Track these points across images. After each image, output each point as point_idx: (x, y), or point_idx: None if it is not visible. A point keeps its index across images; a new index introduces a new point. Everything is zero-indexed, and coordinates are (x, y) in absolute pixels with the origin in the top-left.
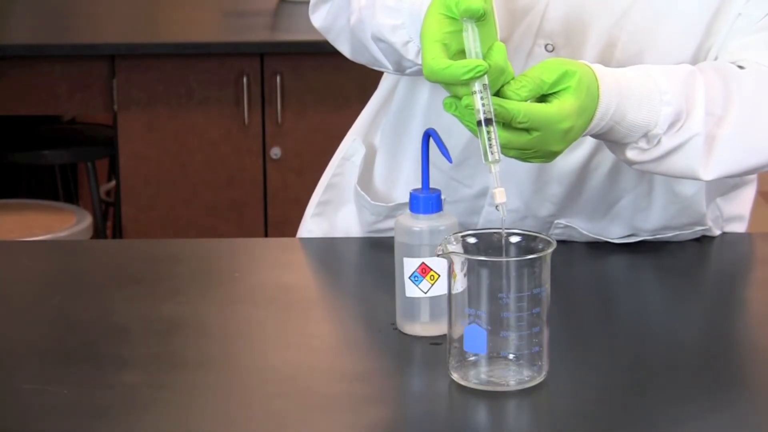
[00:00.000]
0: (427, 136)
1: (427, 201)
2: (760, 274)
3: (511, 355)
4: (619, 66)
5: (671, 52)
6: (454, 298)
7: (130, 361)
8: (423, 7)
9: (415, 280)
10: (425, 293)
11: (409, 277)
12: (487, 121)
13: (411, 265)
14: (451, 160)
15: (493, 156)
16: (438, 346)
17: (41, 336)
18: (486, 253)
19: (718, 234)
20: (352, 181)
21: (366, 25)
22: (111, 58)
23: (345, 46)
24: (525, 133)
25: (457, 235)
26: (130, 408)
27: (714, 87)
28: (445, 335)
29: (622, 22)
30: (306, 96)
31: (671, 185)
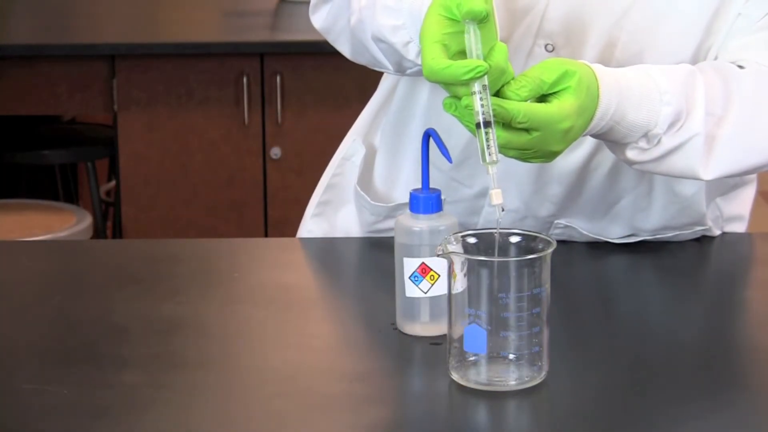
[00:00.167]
0: (427, 136)
1: (427, 201)
2: (760, 274)
3: (511, 355)
4: (619, 66)
5: (671, 52)
6: (454, 298)
7: (130, 361)
8: (423, 7)
9: (415, 280)
10: (425, 293)
11: (409, 277)
12: (486, 123)
13: (411, 265)
14: (451, 160)
15: (491, 157)
16: (438, 346)
17: (41, 336)
18: (486, 253)
19: (718, 234)
20: (352, 182)
21: (366, 26)
22: (111, 58)
23: (345, 46)
24: (525, 133)
25: (457, 235)
26: (130, 408)
27: (714, 87)
28: (445, 335)
29: (622, 22)
30: (306, 96)
31: (671, 185)
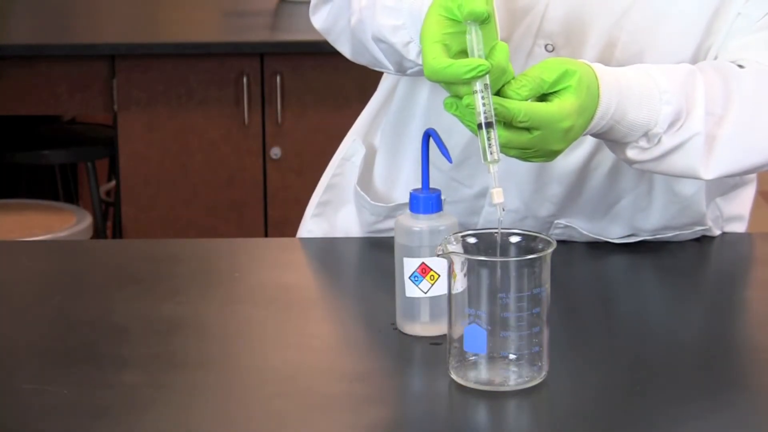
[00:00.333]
0: (427, 136)
1: (427, 201)
2: (760, 274)
3: (511, 355)
4: (620, 66)
5: (671, 52)
6: (454, 298)
7: (130, 361)
8: (423, 7)
9: (415, 280)
10: (425, 293)
11: (409, 277)
12: (488, 122)
13: (411, 265)
14: (451, 160)
15: (492, 156)
16: (438, 346)
17: (41, 336)
18: (486, 253)
19: (718, 234)
20: (352, 182)
21: (366, 26)
22: (111, 58)
23: (346, 47)
24: (526, 133)
25: (457, 235)
26: (130, 408)
27: (714, 86)
28: (445, 335)
29: (622, 22)
30: (306, 96)
31: (671, 185)
